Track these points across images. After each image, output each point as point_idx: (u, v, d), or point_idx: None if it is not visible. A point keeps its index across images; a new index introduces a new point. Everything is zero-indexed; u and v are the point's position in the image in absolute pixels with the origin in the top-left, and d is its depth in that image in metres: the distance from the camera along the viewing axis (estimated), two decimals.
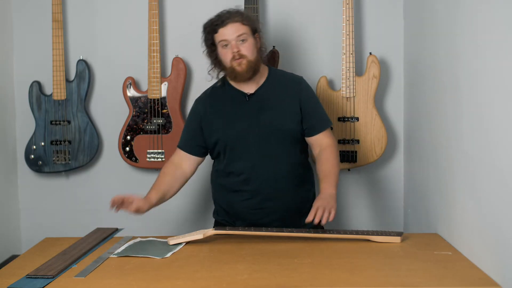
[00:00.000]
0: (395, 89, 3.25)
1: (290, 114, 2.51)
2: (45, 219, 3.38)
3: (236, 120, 2.50)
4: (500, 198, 1.85)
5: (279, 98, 2.52)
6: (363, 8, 3.24)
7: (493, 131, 1.91)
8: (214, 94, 2.60)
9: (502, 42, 1.83)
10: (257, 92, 2.52)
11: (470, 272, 1.96)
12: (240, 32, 2.42)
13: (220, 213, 2.65)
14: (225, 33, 2.43)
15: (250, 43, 2.45)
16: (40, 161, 3.24)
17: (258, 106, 2.50)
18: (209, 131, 2.54)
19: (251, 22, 2.47)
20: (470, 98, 2.11)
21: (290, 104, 2.51)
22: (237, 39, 2.43)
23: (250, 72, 2.46)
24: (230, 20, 2.43)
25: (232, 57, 2.43)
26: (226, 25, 2.43)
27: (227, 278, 1.92)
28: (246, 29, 2.44)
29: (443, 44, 2.43)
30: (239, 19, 2.44)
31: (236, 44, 2.43)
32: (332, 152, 2.51)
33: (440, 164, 2.49)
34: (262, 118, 2.49)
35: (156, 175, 3.31)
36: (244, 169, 2.49)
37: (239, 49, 2.43)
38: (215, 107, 2.55)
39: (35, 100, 3.24)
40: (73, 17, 3.30)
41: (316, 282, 1.89)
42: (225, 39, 2.44)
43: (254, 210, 2.51)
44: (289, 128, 2.50)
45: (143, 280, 1.94)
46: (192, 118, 2.60)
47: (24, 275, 1.99)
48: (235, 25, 2.43)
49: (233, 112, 2.52)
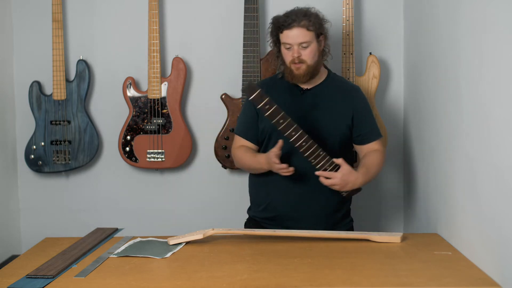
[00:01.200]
0: (395, 89, 3.25)
1: (340, 118, 2.53)
2: (45, 219, 3.38)
3: (287, 111, 2.50)
4: (500, 198, 1.85)
5: (332, 100, 2.54)
6: (363, 8, 3.24)
7: (493, 131, 1.91)
8: (272, 83, 2.63)
9: (502, 42, 1.83)
10: (313, 89, 2.55)
11: (470, 272, 1.96)
12: (303, 39, 2.43)
13: (253, 207, 2.66)
14: (289, 36, 2.44)
15: (312, 49, 2.46)
16: (40, 161, 3.24)
17: (311, 102, 2.53)
18: (261, 117, 2.55)
19: (317, 27, 2.45)
20: (470, 98, 2.11)
21: (342, 109, 2.54)
22: (300, 45, 2.43)
23: (307, 76, 2.49)
24: (296, 24, 2.42)
25: (292, 59, 2.45)
26: (291, 28, 2.43)
27: (227, 278, 1.92)
28: (310, 35, 2.44)
29: (443, 44, 2.43)
30: (306, 23, 2.42)
31: (298, 50, 2.44)
32: (377, 156, 2.55)
33: (440, 164, 2.49)
34: (312, 115, 2.51)
35: (156, 175, 3.33)
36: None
37: (300, 54, 2.44)
38: (270, 94, 2.54)
39: (35, 100, 3.24)
40: (73, 17, 3.30)
41: (316, 282, 1.89)
42: (288, 43, 2.45)
43: (287, 203, 2.52)
44: (337, 130, 2.53)
45: (143, 280, 1.94)
46: (248, 105, 2.60)
47: (24, 275, 1.98)
48: (300, 31, 2.43)
49: (286, 103, 2.52)
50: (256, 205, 2.64)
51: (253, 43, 3.10)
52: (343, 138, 2.55)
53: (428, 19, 2.69)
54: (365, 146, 2.58)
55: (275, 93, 2.56)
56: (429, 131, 2.68)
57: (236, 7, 3.19)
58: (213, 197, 3.35)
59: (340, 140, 2.54)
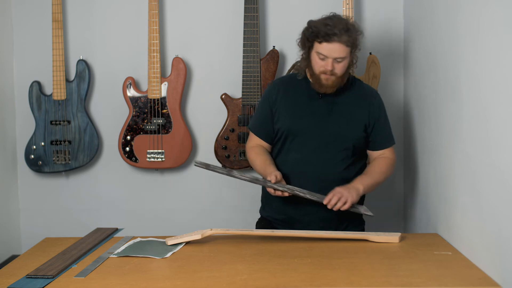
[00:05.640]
0: (395, 89, 3.24)
1: (357, 123, 2.51)
2: (45, 219, 3.38)
3: (304, 114, 2.51)
4: (500, 198, 1.85)
5: (349, 106, 2.53)
6: (363, 8, 3.24)
7: (493, 131, 1.91)
8: (291, 82, 2.60)
9: (502, 42, 1.83)
10: (331, 94, 2.51)
11: (470, 272, 1.96)
12: (341, 55, 2.39)
13: (265, 207, 2.65)
14: (327, 49, 2.38)
15: (346, 63, 2.43)
16: (40, 161, 3.24)
17: (328, 107, 2.51)
18: (277, 117, 2.55)
19: (354, 43, 2.42)
20: (470, 98, 2.11)
21: (359, 114, 2.52)
22: (335, 59, 2.40)
23: (335, 88, 2.47)
24: (337, 39, 2.36)
25: (324, 70, 2.42)
26: (331, 42, 2.37)
27: (227, 278, 1.92)
28: (347, 51, 2.40)
29: (443, 44, 2.43)
30: (346, 39, 2.37)
31: (332, 63, 2.40)
32: (386, 163, 2.54)
33: (440, 164, 2.49)
34: (329, 120, 2.50)
35: (156, 175, 3.33)
36: (296, 164, 2.50)
37: (334, 68, 2.41)
38: (287, 95, 2.55)
39: (35, 100, 3.24)
40: (73, 17, 3.30)
41: (316, 282, 1.89)
42: (324, 54, 2.40)
43: (297, 206, 2.51)
44: (352, 136, 2.51)
45: (143, 280, 1.94)
46: (264, 102, 2.59)
47: (24, 275, 1.98)
48: (340, 46, 2.38)
49: (303, 106, 2.52)
50: (269, 205, 2.64)
51: (253, 43, 3.10)
52: (357, 144, 2.53)
53: (428, 19, 2.69)
54: (375, 152, 2.58)
55: (293, 93, 2.55)
56: (429, 131, 2.68)
57: (236, 7, 3.19)
58: (213, 197, 3.35)
59: (354, 146, 2.52)
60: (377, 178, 2.50)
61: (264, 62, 3.14)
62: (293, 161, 2.51)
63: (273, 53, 3.14)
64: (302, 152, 2.51)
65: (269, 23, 3.25)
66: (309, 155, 2.50)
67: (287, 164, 2.53)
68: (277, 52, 3.14)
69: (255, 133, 2.62)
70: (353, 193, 2.38)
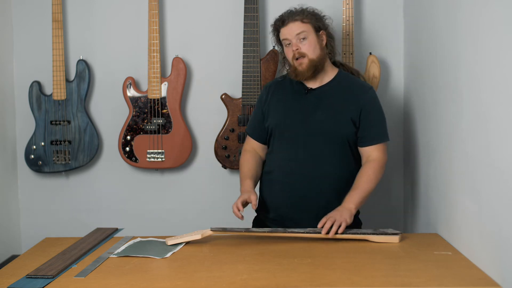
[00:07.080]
0: (395, 89, 3.25)
1: (345, 118, 2.49)
2: (45, 219, 3.38)
3: (290, 110, 2.52)
4: (500, 198, 1.85)
5: (339, 100, 2.51)
6: (363, 8, 3.24)
7: (493, 131, 1.91)
8: (281, 82, 2.64)
9: (502, 42, 1.83)
10: (318, 89, 2.54)
11: (470, 272, 1.96)
12: (298, 30, 2.46)
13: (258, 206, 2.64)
14: (285, 32, 2.48)
15: (311, 41, 2.47)
16: (40, 161, 3.24)
17: (314, 102, 2.52)
18: (266, 117, 2.60)
19: (313, 20, 2.48)
20: (470, 98, 2.11)
21: (349, 109, 2.50)
22: (297, 38, 2.46)
23: (310, 71, 2.48)
24: (290, 19, 2.47)
25: (293, 56, 2.47)
26: (286, 24, 2.47)
27: (227, 278, 1.92)
28: (306, 27, 2.46)
29: (443, 44, 2.43)
30: (299, 17, 2.46)
31: (296, 43, 2.46)
32: (373, 168, 2.47)
33: (440, 164, 2.49)
34: (315, 115, 2.50)
35: (156, 175, 3.33)
36: (283, 160, 2.51)
37: (299, 47, 2.46)
38: (277, 95, 2.60)
39: (35, 100, 3.24)
40: (73, 17, 3.30)
41: (316, 282, 1.89)
42: (286, 38, 2.48)
43: (287, 204, 2.52)
44: (340, 131, 2.49)
45: (143, 280, 1.94)
46: (258, 104, 2.67)
47: (24, 275, 1.99)
48: (295, 24, 2.46)
49: (290, 103, 2.54)
50: (260, 203, 2.64)
51: (253, 43, 3.10)
52: (347, 139, 2.50)
53: (428, 19, 2.69)
54: (364, 149, 2.52)
55: (281, 93, 2.58)
56: (429, 131, 2.68)
57: (236, 7, 3.19)
58: (213, 197, 3.35)
59: (343, 141, 2.50)
60: (366, 188, 2.44)
61: (264, 62, 3.14)
62: (281, 158, 2.53)
63: (273, 53, 3.14)
64: (289, 148, 2.51)
65: (269, 23, 3.24)
66: (296, 151, 2.50)
67: (275, 161, 2.55)
68: (277, 52, 3.14)
69: (249, 135, 2.67)
70: (346, 215, 2.34)
